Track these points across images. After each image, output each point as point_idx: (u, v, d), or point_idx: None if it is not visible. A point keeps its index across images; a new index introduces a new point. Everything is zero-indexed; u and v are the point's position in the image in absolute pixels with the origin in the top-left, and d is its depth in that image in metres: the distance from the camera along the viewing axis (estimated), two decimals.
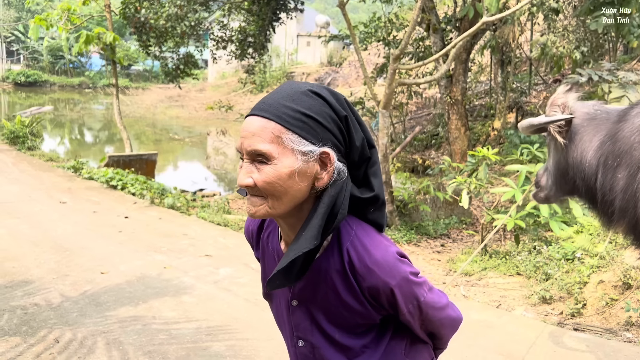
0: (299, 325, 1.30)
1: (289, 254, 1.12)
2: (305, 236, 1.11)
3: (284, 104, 1.11)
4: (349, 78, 25.09)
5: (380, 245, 1.18)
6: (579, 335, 3.60)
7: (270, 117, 1.10)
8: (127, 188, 8.19)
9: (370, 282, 1.17)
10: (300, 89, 1.14)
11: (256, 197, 1.13)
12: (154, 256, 5.14)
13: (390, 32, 13.44)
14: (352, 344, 1.27)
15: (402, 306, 1.21)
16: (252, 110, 1.14)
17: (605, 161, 2.28)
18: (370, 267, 1.16)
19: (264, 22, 11.91)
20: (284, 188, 1.11)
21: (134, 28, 10.83)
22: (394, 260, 1.17)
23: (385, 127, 7.35)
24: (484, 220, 5.89)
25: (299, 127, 1.11)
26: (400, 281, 1.17)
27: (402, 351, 1.31)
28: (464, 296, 4.58)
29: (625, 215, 2.20)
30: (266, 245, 1.36)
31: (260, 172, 1.10)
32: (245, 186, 1.12)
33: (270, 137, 1.09)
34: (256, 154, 1.10)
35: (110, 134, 21.19)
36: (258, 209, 1.14)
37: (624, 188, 2.18)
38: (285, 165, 1.10)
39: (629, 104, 2.37)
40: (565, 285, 4.29)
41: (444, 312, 1.30)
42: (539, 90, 15.56)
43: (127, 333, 3.52)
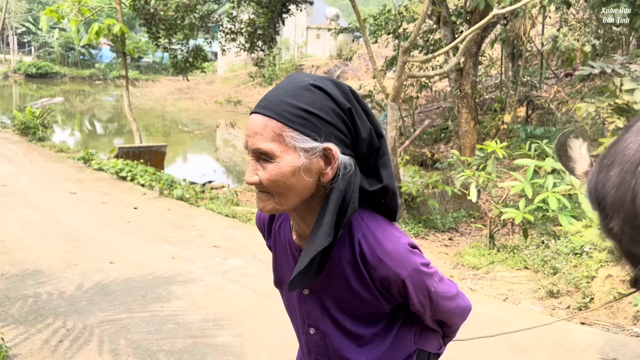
0: (311, 313, 1.32)
1: (305, 255, 1.13)
2: (318, 235, 1.12)
3: (284, 100, 1.11)
4: (358, 71, 25.01)
5: (391, 236, 1.19)
6: (585, 329, 3.59)
7: (271, 115, 1.10)
8: (136, 179, 8.25)
9: (382, 273, 1.18)
10: (302, 84, 1.13)
11: (264, 193, 1.15)
12: (163, 247, 5.18)
13: (400, 25, 13.36)
14: (362, 332, 1.28)
15: (413, 296, 1.22)
16: (255, 107, 1.15)
17: (601, 162, 2.33)
18: (382, 259, 1.17)
19: (274, 14, 11.88)
20: (287, 186, 1.11)
21: (144, 20, 10.86)
22: (405, 252, 1.18)
23: (394, 120, 7.33)
24: (492, 214, 5.87)
25: (300, 124, 1.09)
26: (411, 272, 1.18)
27: (411, 339, 1.33)
28: (471, 289, 4.58)
29: (619, 211, 2.22)
30: (278, 235, 1.37)
31: (264, 170, 1.11)
32: (251, 183, 1.13)
33: (271, 136, 1.09)
34: (260, 153, 1.11)
35: (120, 125, 21.31)
36: (265, 204, 1.16)
37: (616, 184, 2.22)
38: (288, 163, 1.10)
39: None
40: (573, 279, 4.27)
41: (454, 302, 1.32)
42: (550, 84, 15.42)
43: (135, 322, 3.56)
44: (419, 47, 13.11)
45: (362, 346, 1.29)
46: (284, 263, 1.36)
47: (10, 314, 3.58)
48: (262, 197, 1.15)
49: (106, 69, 36.19)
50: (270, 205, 1.15)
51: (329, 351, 1.31)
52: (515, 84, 13.14)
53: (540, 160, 5.80)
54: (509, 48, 13.49)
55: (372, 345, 1.29)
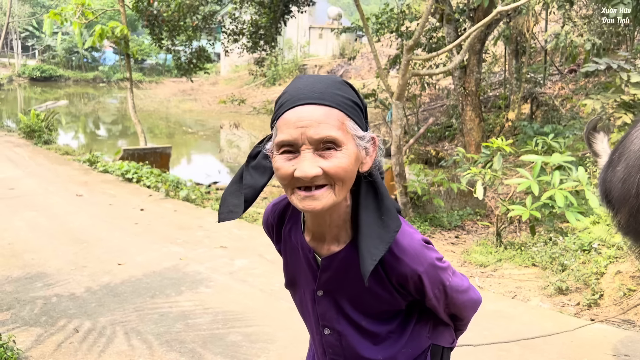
0: (325, 314, 1.31)
1: (379, 247, 1.12)
2: (386, 221, 1.13)
3: (335, 92, 1.12)
4: (361, 70, 24.99)
5: (405, 233, 1.20)
6: (595, 325, 3.57)
7: (332, 105, 1.10)
8: (142, 181, 8.27)
9: (399, 270, 1.19)
10: (337, 79, 1.16)
11: (319, 188, 1.10)
12: (170, 248, 5.19)
13: (402, 23, 13.35)
14: (378, 330, 1.29)
15: (429, 291, 1.23)
16: (302, 100, 1.11)
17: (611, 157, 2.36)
18: (398, 256, 1.18)
19: (276, 14, 11.89)
20: (352, 172, 1.12)
21: (147, 21, 10.89)
22: (421, 247, 1.20)
23: (398, 119, 7.32)
24: (499, 211, 5.86)
25: (353, 114, 1.13)
26: (427, 267, 1.20)
27: (426, 334, 1.34)
28: (479, 287, 4.57)
29: (625, 204, 2.24)
30: (288, 238, 1.36)
31: (331, 159, 1.08)
32: (313, 177, 1.07)
33: (337, 124, 1.09)
34: (326, 142, 1.08)
35: (125, 127, 21.35)
36: (325, 200, 1.10)
37: (622, 179, 2.24)
38: (352, 150, 1.11)
39: None
40: (581, 276, 4.26)
41: (467, 295, 1.34)
42: (554, 81, 15.38)
43: (145, 323, 3.57)
44: (422, 45, 13.08)
45: (378, 344, 1.29)
46: (296, 265, 1.36)
47: (20, 317, 3.59)
48: (316, 193, 1.10)
49: (110, 71, 36.28)
50: (330, 198, 1.10)
51: (344, 351, 1.31)
52: (519, 80, 13.11)
53: (546, 156, 5.78)
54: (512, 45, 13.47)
55: (388, 342, 1.29)
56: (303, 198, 1.11)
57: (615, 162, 2.38)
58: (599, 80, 12.26)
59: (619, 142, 2.41)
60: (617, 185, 2.35)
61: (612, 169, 2.39)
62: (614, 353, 3.13)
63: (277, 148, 1.12)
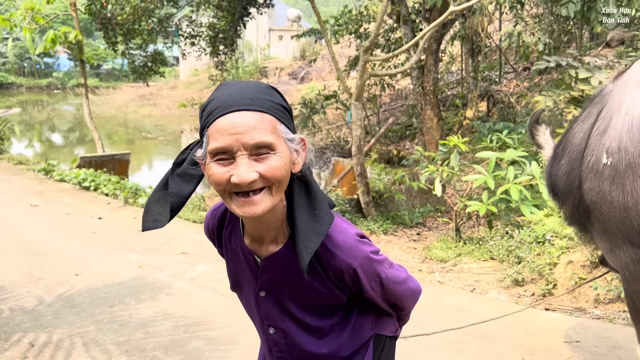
0: (269, 314, 1.33)
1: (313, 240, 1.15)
2: (319, 215, 1.17)
3: (264, 97, 1.14)
4: (322, 71, 25.07)
5: (339, 228, 1.23)
6: (550, 314, 3.70)
7: (263, 110, 1.12)
8: (100, 189, 8.09)
9: (334, 265, 1.22)
10: (263, 85, 1.19)
11: (257, 192, 1.11)
12: (129, 256, 5.09)
13: (361, 25, 13.47)
14: (322, 324, 1.32)
15: (366, 284, 1.27)
16: (233, 106, 1.11)
17: (555, 150, 2.45)
18: (333, 251, 1.21)
19: (234, 17, 11.82)
20: (287, 173, 1.15)
21: (100, 24, 10.65)
22: (354, 242, 1.23)
23: (358, 119, 7.39)
24: (457, 207, 5.99)
25: (283, 117, 1.16)
26: (362, 261, 1.23)
27: (369, 325, 1.37)
28: (439, 282, 4.66)
29: (569, 196, 2.33)
30: (228, 242, 1.38)
31: (266, 163, 1.10)
32: (250, 182, 1.09)
33: (270, 129, 1.11)
34: (260, 147, 1.09)
35: (82, 134, 20.82)
36: (264, 205, 1.12)
37: (566, 172, 2.33)
38: (285, 152, 1.14)
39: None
40: (536, 267, 4.40)
41: (405, 285, 1.37)
42: (510, 79, 15.79)
43: (104, 333, 3.49)
44: (380, 46, 13.24)
45: (322, 338, 1.32)
46: (238, 268, 1.37)
47: None
48: (254, 198, 1.11)
49: (64, 77, 35.27)
50: (268, 201, 1.13)
51: (289, 348, 1.34)
52: (476, 79, 13.40)
53: (501, 152, 5.94)
54: (468, 44, 13.76)
55: (332, 335, 1.33)
56: (242, 204, 1.12)
57: (559, 156, 2.47)
58: (552, 78, 12.68)
59: (563, 136, 2.51)
60: (561, 178, 2.44)
61: (556, 162, 2.48)
62: (566, 340, 3.25)
63: (210, 155, 1.12)
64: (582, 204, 2.31)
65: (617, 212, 2.13)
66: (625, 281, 2.24)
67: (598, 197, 2.19)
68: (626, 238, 2.15)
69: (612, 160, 2.12)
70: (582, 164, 2.27)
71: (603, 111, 2.23)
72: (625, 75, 2.24)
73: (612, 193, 2.12)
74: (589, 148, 2.23)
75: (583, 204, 2.31)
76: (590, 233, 2.41)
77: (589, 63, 7.33)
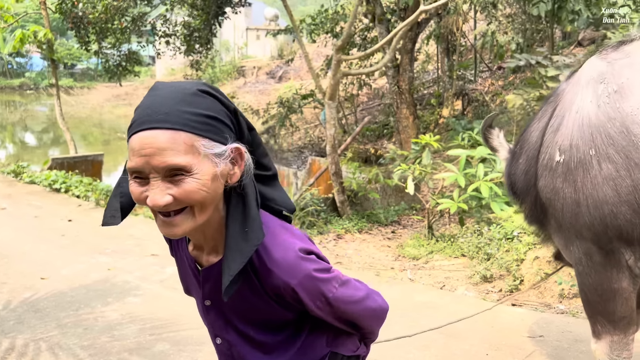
0: (214, 323, 1.30)
1: (237, 261, 1.09)
2: (249, 233, 1.10)
3: (184, 109, 1.05)
4: (300, 70, 25.03)
5: (281, 243, 1.16)
6: (516, 310, 3.75)
7: (177, 127, 1.03)
8: (71, 191, 7.95)
9: (272, 282, 1.16)
10: (189, 91, 1.09)
11: (176, 215, 1.06)
12: (98, 258, 5.02)
13: (337, 24, 13.49)
14: (267, 339, 1.26)
15: (309, 303, 1.19)
16: (145, 123, 1.04)
17: (513, 150, 2.48)
18: (270, 268, 1.15)
19: (209, 16, 11.73)
20: (210, 194, 1.07)
21: (72, 23, 10.47)
22: (295, 259, 1.15)
23: (332, 119, 7.40)
24: (430, 205, 6.03)
25: (208, 130, 1.06)
26: (302, 279, 1.15)
27: (323, 344, 1.30)
28: (410, 280, 4.69)
29: (528, 194, 2.36)
30: (176, 247, 1.34)
31: (180, 186, 1.03)
32: (164, 205, 1.03)
33: (184, 149, 1.03)
34: (172, 169, 1.02)
35: (56, 136, 20.46)
36: (184, 226, 1.08)
37: (524, 170, 2.36)
38: (206, 172, 1.06)
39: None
40: (504, 263, 4.45)
41: (361, 305, 1.28)
42: (485, 78, 15.97)
43: (68, 337, 3.43)
44: (356, 45, 13.28)
45: (268, 353, 1.27)
46: (185, 274, 1.34)
47: None
48: (175, 220, 1.06)
49: (37, 77, 34.55)
50: (188, 224, 1.08)
51: (235, 359, 1.30)
52: (451, 78, 13.53)
53: (472, 150, 6.00)
54: (443, 44, 13.87)
55: (278, 352, 1.27)
56: (162, 224, 1.08)
57: (518, 155, 2.50)
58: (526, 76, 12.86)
59: (520, 135, 2.54)
60: (520, 177, 2.48)
61: (515, 161, 2.52)
62: (530, 335, 3.29)
63: (129, 172, 1.07)
64: (539, 201, 2.35)
65: (569, 208, 2.17)
66: (578, 275, 2.28)
67: (552, 193, 2.23)
68: (579, 233, 2.19)
69: (564, 157, 2.16)
70: (538, 161, 2.30)
71: (556, 110, 2.27)
72: (576, 75, 2.28)
73: (565, 189, 2.16)
74: (543, 146, 2.27)
75: (539, 201, 2.35)
76: (548, 230, 2.45)
77: (557, 62, 7.45)
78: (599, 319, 2.28)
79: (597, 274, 2.20)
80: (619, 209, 2.03)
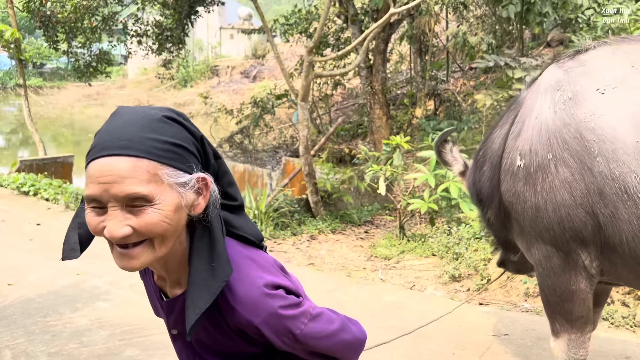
0: (182, 353, 1.28)
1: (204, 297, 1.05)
2: (216, 268, 1.05)
3: (147, 136, 1.00)
4: (275, 70, 24.98)
5: (245, 279, 1.11)
6: (482, 309, 3.83)
7: (140, 155, 0.99)
8: (40, 193, 7.80)
9: (234, 320, 1.12)
10: (155, 117, 1.04)
11: (134, 247, 1.01)
12: (67, 263, 4.93)
13: (310, 24, 13.52)
14: None
15: (275, 340, 1.14)
16: (106, 149, 0.99)
17: (476, 158, 2.54)
18: (233, 305, 1.10)
19: (181, 15, 11.63)
20: (172, 226, 1.03)
21: (40, 22, 10.26)
22: (259, 296, 1.10)
23: (305, 119, 7.42)
24: (401, 205, 6.11)
25: (172, 158, 1.02)
26: (266, 317, 1.10)
27: None
28: (382, 280, 4.75)
29: (493, 201, 2.43)
30: (143, 274, 1.31)
31: (141, 217, 0.99)
32: (121, 237, 0.98)
33: (146, 177, 0.98)
34: (132, 199, 0.98)
35: (25, 137, 20.00)
36: (143, 259, 1.02)
37: (489, 177, 2.42)
38: (169, 202, 1.01)
39: None
40: (472, 263, 4.55)
41: (333, 339, 1.21)
42: (457, 78, 16.20)
43: (35, 344, 3.39)
44: (330, 45, 13.33)
45: None
46: (153, 300, 1.32)
47: None
48: (133, 251, 1.01)
49: (5, 77, 33.63)
50: (148, 256, 1.02)
51: None
52: (424, 78, 13.68)
53: None
54: (416, 44, 14.02)
55: None
56: (119, 256, 1.03)
57: (481, 163, 2.56)
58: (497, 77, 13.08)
59: (482, 143, 2.61)
60: (485, 184, 2.53)
61: (478, 170, 2.58)
62: (495, 333, 3.38)
63: (86, 201, 1.02)
64: (502, 205, 2.42)
65: (530, 212, 2.23)
66: (539, 277, 2.35)
67: (514, 197, 2.29)
68: (539, 236, 2.26)
69: (524, 161, 2.23)
70: (501, 167, 2.37)
71: (518, 116, 2.34)
72: (536, 82, 2.35)
73: (526, 193, 2.23)
74: (505, 151, 2.33)
75: (503, 206, 2.42)
76: (512, 235, 2.52)
77: (525, 63, 7.62)
78: (558, 318, 2.36)
79: (556, 275, 2.28)
80: (574, 211, 2.10)
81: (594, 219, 2.05)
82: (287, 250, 5.86)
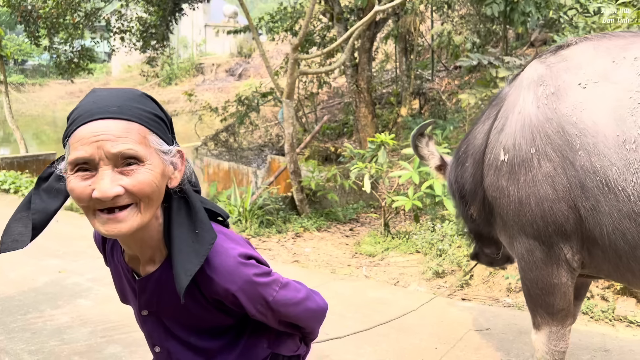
0: (152, 333, 1.29)
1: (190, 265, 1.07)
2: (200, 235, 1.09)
3: (134, 105, 1.06)
4: (260, 68, 24.90)
5: (220, 250, 1.15)
6: (465, 304, 3.86)
7: (131, 119, 1.04)
8: (20, 191, 7.70)
9: (211, 289, 1.16)
10: (136, 93, 1.11)
11: (123, 209, 1.03)
12: (48, 261, 4.88)
13: (295, 22, 13.50)
14: (208, 345, 1.26)
15: (250, 308, 1.20)
16: (97, 114, 1.02)
17: (457, 155, 2.55)
18: (209, 275, 1.14)
19: (165, 12, 11.54)
20: (159, 188, 1.06)
21: (20, 17, 10.11)
22: (235, 265, 1.15)
23: (290, 117, 7.40)
24: (385, 202, 6.13)
25: (157, 127, 1.08)
26: (242, 285, 1.15)
27: (264, 345, 1.32)
28: (366, 276, 4.75)
29: (476, 197, 2.44)
30: (111, 256, 1.32)
31: (133, 176, 1.01)
32: (113, 197, 0.99)
33: (138, 138, 1.03)
34: (125, 157, 1.01)
35: (6, 134, 19.70)
36: (130, 222, 1.03)
37: (472, 173, 2.44)
38: (156, 165, 1.06)
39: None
40: (456, 259, 4.57)
41: (301, 307, 1.29)
42: (442, 77, 16.30)
43: (15, 342, 3.33)
44: (316, 43, 13.32)
45: (209, 359, 1.28)
46: (121, 284, 1.32)
47: None
48: (120, 215, 1.02)
49: None
50: (136, 219, 1.04)
51: None
52: (409, 77, 13.75)
53: None
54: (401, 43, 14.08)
55: (220, 357, 1.28)
56: (105, 221, 1.03)
57: (463, 159, 2.57)
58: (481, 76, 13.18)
59: (463, 140, 2.61)
60: (468, 179, 2.54)
61: (460, 166, 2.58)
62: (477, 328, 3.40)
63: (71, 167, 1.02)
64: (486, 200, 2.43)
65: (513, 206, 2.25)
66: (521, 270, 2.37)
67: (497, 192, 2.31)
68: (522, 230, 2.28)
69: (508, 156, 2.24)
70: (484, 162, 2.38)
71: (501, 111, 2.35)
72: (519, 78, 2.37)
73: (509, 188, 2.25)
74: (488, 146, 2.35)
75: (486, 201, 2.43)
76: (495, 230, 2.54)
77: (509, 62, 7.68)
78: (539, 311, 2.38)
79: (538, 269, 2.30)
80: (557, 205, 2.12)
81: (576, 213, 2.07)
82: (272, 248, 5.85)
